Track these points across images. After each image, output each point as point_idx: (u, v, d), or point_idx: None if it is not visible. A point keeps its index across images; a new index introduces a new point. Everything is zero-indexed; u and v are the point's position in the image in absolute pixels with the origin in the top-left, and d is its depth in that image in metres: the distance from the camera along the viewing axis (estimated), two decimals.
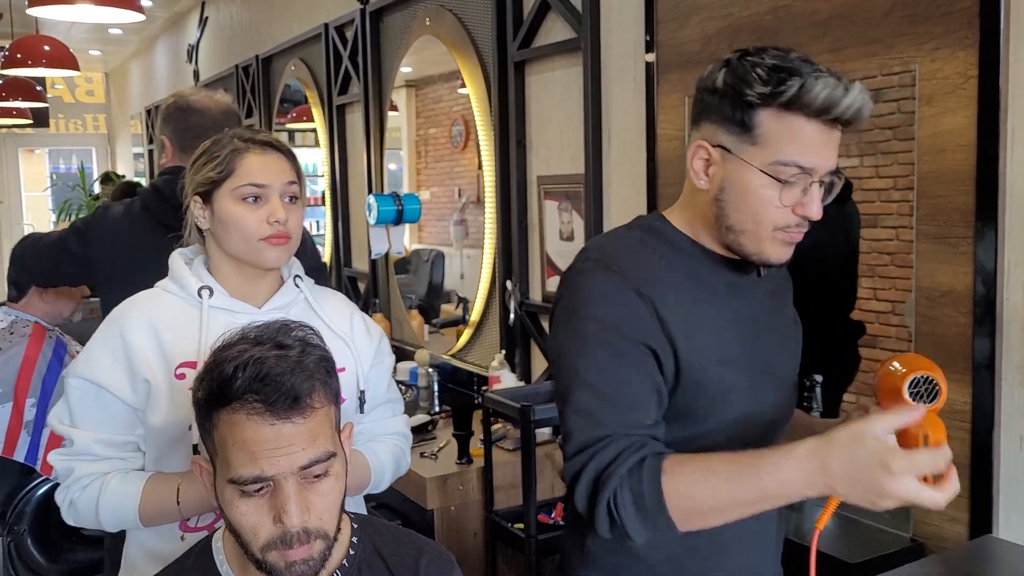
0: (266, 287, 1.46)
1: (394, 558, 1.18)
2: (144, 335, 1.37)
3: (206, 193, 1.41)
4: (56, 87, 9.76)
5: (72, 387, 1.37)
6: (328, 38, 3.97)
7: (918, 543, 1.67)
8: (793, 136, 1.06)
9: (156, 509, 1.35)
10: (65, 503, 1.38)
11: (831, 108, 1.05)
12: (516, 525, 2.28)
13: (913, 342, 1.67)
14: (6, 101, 6.35)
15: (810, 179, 1.08)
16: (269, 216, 1.38)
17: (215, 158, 1.39)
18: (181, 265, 1.44)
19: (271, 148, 1.42)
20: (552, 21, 2.60)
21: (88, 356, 1.38)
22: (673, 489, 1.04)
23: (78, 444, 1.37)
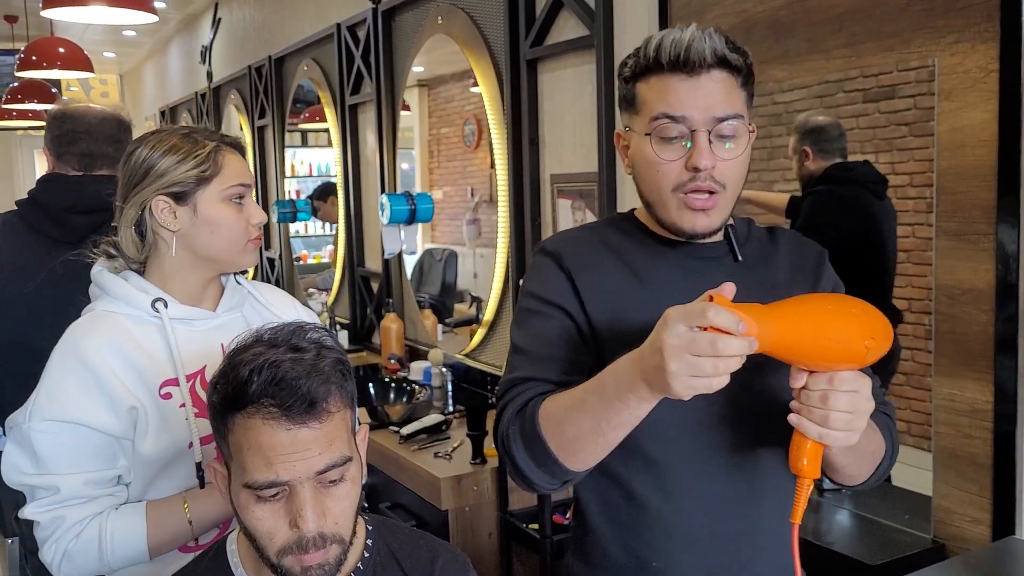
0: (214, 290, 1.42)
1: (409, 560, 1.17)
2: (113, 361, 1.28)
3: (182, 193, 1.33)
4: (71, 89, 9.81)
5: (39, 432, 1.25)
6: (340, 38, 3.97)
7: (939, 544, 1.65)
8: (659, 93, 1.12)
9: (167, 534, 1.29)
10: (57, 557, 1.28)
11: (676, 54, 1.10)
12: (531, 526, 2.27)
13: (932, 340, 1.65)
14: (22, 103, 6.37)
15: (687, 129, 1.10)
16: (251, 218, 1.37)
17: (195, 156, 1.33)
18: (118, 281, 1.35)
19: (238, 149, 1.40)
20: (564, 19, 2.59)
21: (52, 395, 1.27)
22: (546, 416, 1.07)
23: (65, 490, 1.26)
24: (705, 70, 1.10)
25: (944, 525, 1.65)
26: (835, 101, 1.86)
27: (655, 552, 1.19)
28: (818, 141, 2.00)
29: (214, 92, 6.10)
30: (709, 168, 1.10)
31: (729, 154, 1.12)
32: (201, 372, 1.36)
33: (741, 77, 1.14)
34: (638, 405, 0.99)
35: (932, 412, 1.65)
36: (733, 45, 1.14)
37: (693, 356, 0.88)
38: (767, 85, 1.96)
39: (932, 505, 1.66)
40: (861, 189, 1.96)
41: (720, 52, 1.11)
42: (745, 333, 0.89)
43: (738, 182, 1.15)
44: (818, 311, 0.98)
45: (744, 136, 1.14)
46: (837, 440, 0.99)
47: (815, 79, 1.85)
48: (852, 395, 0.98)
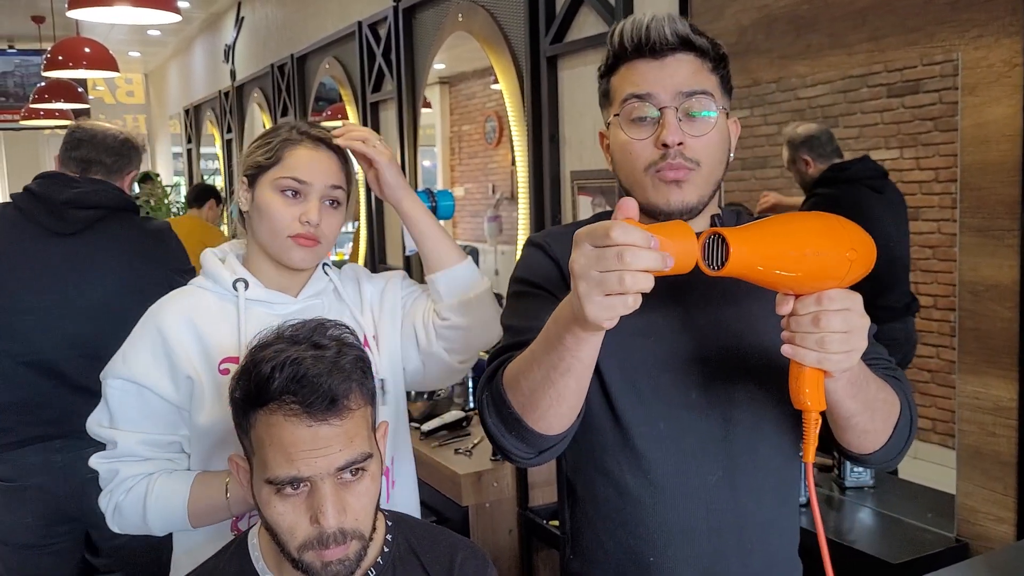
0: (301, 276, 1.44)
1: (428, 556, 1.17)
2: (183, 332, 1.35)
3: (252, 176, 1.39)
4: (97, 88, 9.92)
5: (111, 388, 1.36)
6: (362, 36, 3.98)
7: (963, 543, 1.64)
8: (628, 79, 1.14)
9: (205, 506, 1.32)
10: (110, 508, 1.36)
11: (638, 37, 1.12)
12: (551, 522, 2.27)
13: (956, 337, 1.63)
14: (49, 103, 6.45)
15: (654, 107, 1.11)
16: (302, 215, 1.35)
17: (267, 144, 1.38)
18: (214, 261, 1.43)
19: (324, 145, 1.39)
20: (585, 15, 2.58)
21: (126, 356, 1.36)
22: (508, 375, 1.06)
23: (121, 446, 1.34)
24: (670, 51, 1.12)
25: (968, 524, 1.64)
26: (859, 96, 1.84)
27: (649, 546, 1.17)
28: (814, 148, 2.01)
29: (237, 91, 6.15)
30: (676, 143, 1.10)
31: (699, 130, 1.12)
32: None
33: (710, 62, 1.15)
34: (576, 345, 0.95)
35: (956, 410, 1.64)
36: (699, 31, 1.15)
37: (599, 272, 0.85)
38: (790, 80, 1.95)
39: (956, 503, 1.65)
40: (858, 186, 1.96)
41: (682, 33, 1.12)
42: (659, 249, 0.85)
43: (713, 161, 1.14)
44: (792, 226, 0.94)
45: (717, 115, 1.13)
46: (838, 363, 0.93)
47: (838, 74, 1.84)
48: (845, 313, 0.93)
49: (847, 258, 0.93)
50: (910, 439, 1.16)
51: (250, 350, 1.05)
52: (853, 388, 1.02)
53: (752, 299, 1.18)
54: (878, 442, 1.12)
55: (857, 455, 1.15)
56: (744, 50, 2.02)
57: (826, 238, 0.93)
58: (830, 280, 0.94)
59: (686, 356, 1.17)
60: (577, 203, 2.72)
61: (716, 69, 1.16)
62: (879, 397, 1.08)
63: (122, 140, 2.40)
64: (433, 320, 1.48)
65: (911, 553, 1.62)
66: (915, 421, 1.17)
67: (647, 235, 0.84)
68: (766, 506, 1.20)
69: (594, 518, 1.22)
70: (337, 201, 1.40)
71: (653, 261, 0.84)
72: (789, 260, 0.91)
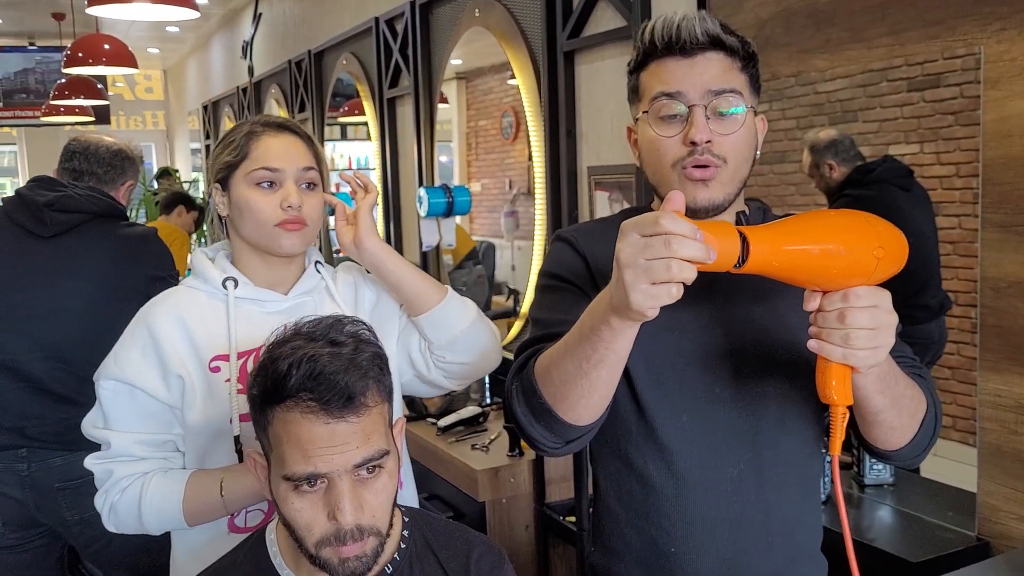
0: (291, 274, 1.44)
1: (445, 552, 1.18)
2: (173, 331, 1.36)
3: (224, 179, 1.39)
4: (117, 85, 10.00)
5: (104, 389, 1.36)
6: (378, 32, 3.99)
7: (984, 542, 1.62)
8: (658, 76, 1.15)
9: (200, 504, 1.33)
10: (105, 508, 1.36)
11: (668, 36, 1.13)
12: (568, 518, 2.27)
13: (978, 334, 1.62)
14: (69, 99, 6.50)
15: (684, 106, 1.12)
16: (283, 201, 1.36)
17: (231, 142, 1.38)
18: (204, 260, 1.43)
19: (287, 131, 1.39)
20: (602, 10, 2.57)
21: (117, 356, 1.37)
22: (539, 366, 1.08)
23: (115, 446, 1.35)
24: (700, 50, 1.13)
25: (989, 522, 1.62)
26: (879, 90, 1.83)
27: (671, 538, 1.18)
28: (839, 152, 2.00)
29: (255, 87, 6.17)
30: (704, 141, 1.11)
31: (727, 128, 1.12)
32: (256, 351, 1.39)
33: (739, 60, 1.15)
34: (612, 337, 0.97)
35: (977, 407, 1.62)
36: (729, 30, 1.15)
37: (646, 260, 0.86)
38: (809, 75, 1.93)
39: (977, 502, 1.63)
40: (885, 186, 1.94)
41: (713, 32, 1.13)
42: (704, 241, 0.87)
43: (740, 158, 1.14)
44: (817, 223, 0.94)
45: (745, 113, 1.14)
46: (863, 359, 0.94)
47: (858, 68, 1.82)
48: (872, 311, 0.93)
49: (874, 256, 0.93)
50: (935, 436, 1.16)
51: (267, 347, 1.05)
52: (882, 384, 1.03)
53: (779, 295, 1.18)
54: (904, 439, 1.12)
55: (883, 451, 1.15)
56: (763, 44, 2.00)
57: (852, 235, 0.93)
58: (857, 277, 0.93)
59: (712, 351, 1.18)
60: (594, 199, 2.71)
61: (745, 68, 1.16)
62: (907, 394, 1.08)
63: (114, 151, 2.43)
64: (429, 354, 1.48)
65: (931, 552, 1.60)
66: (940, 418, 1.17)
67: (694, 227, 0.86)
68: (789, 500, 1.20)
69: (617, 510, 1.23)
70: (312, 183, 1.40)
71: (699, 251, 0.85)
72: (811, 258, 0.92)
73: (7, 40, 8.40)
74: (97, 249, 2.24)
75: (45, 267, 2.20)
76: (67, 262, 2.21)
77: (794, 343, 1.15)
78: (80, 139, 2.44)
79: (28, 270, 2.19)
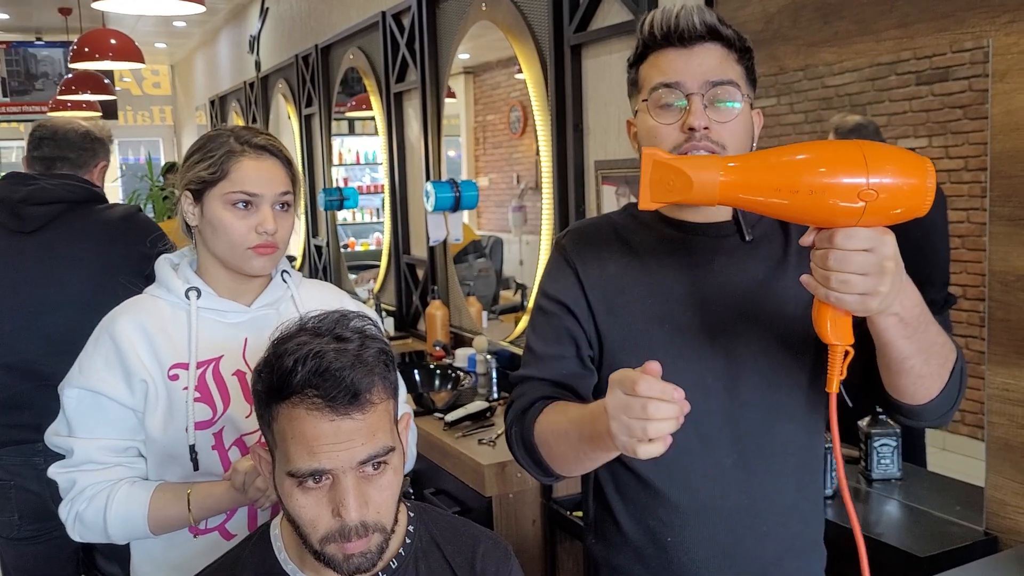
0: (255, 285, 1.45)
1: (450, 547, 1.18)
2: (135, 337, 1.36)
3: (197, 191, 1.38)
4: (124, 80, 10.02)
5: (68, 398, 1.37)
6: (385, 26, 3.98)
7: (992, 537, 1.61)
8: (657, 67, 1.18)
9: (165, 515, 1.34)
10: (70, 518, 1.37)
11: (667, 27, 1.16)
12: (575, 513, 2.27)
13: (986, 327, 1.61)
14: (76, 95, 6.51)
15: (682, 94, 1.15)
16: (258, 226, 1.36)
17: (209, 157, 1.37)
18: (167, 269, 1.43)
19: (267, 153, 1.38)
20: (609, 3, 2.56)
21: (81, 366, 1.38)
22: (539, 433, 1.16)
23: (79, 454, 1.35)
24: (698, 41, 1.16)
25: (997, 517, 1.61)
26: (887, 84, 1.82)
27: (667, 528, 1.21)
28: (863, 137, 1.98)
29: (262, 81, 6.17)
30: (702, 128, 1.13)
31: (725, 116, 1.15)
32: (216, 360, 1.41)
33: (735, 52, 1.18)
34: (606, 453, 1.06)
35: (985, 401, 1.61)
36: (725, 22, 1.18)
37: (627, 418, 0.92)
38: (816, 69, 1.92)
39: (985, 496, 1.63)
40: None
41: (710, 23, 1.16)
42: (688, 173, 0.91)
43: (738, 147, 1.16)
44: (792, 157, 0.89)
45: (742, 105, 1.16)
46: (851, 304, 0.91)
47: (866, 61, 1.81)
48: (863, 255, 0.88)
49: (858, 196, 0.86)
50: (962, 390, 1.14)
51: (272, 342, 1.05)
52: (907, 329, 0.99)
53: (776, 282, 1.20)
54: (934, 389, 1.09)
55: (911, 407, 1.12)
56: (771, 37, 1.99)
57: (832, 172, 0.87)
58: (841, 217, 0.88)
59: (702, 344, 1.19)
60: (601, 193, 2.70)
61: (741, 60, 1.19)
62: (937, 340, 1.06)
63: (82, 133, 2.39)
64: None
65: (939, 546, 1.60)
66: (965, 372, 1.15)
67: (669, 388, 0.91)
68: (783, 490, 1.21)
69: (615, 502, 1.27)
70: (287, 204, 1.41)
71: (671, 411, 0.91)
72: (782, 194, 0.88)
73: (14, 35, 8.42)
74: (82, 237, 2.22)
75: (37, 263, 2.19)
76: (56, 255, 2.20)
77: (782, 333, 1.18)
78: (46, 125, 2.39)
79: (22, 268, 2.18)
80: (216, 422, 1.39)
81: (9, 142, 10.21)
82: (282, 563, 1.12)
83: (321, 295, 1.54)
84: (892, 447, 1.82)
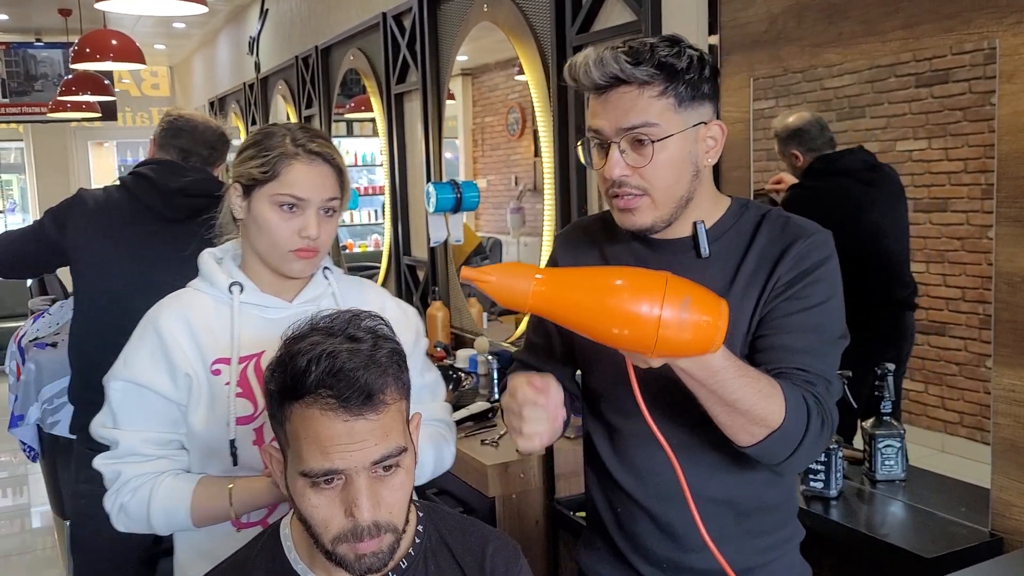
0: (297, 281, 1.45)
1: (460, 547, 1.18)
2: (179, 331, 1.38)
3: (247, 187, 1.40)
4: (123, 81, 9.99)
5: (114, 390, 1.38)
6: (386, 27, 3.98)
7: (997, 538, 1.61)
8: (590, 111, 1.22)
9: (207, 509, 1.36)
10: (115, 509, 1.38)
11: (575, 80, 1.20)
12: (578, 514, 2.27)
13: (992, 329, 1.61)
14: (76, 95, 6.50)
15: (602, 141, 1.20)
16: (302, 230, 1.37)
17: (263, 155, 1.37)
18: (211, 264, 1.45)
19: (320, 159, 1.38)
20: (611, 4, 2.56)
21: (127, 359, 1.39)
22: None
23: (123, 445, 1.37)
24: (610, 88, 1.18)
25: (1002, 518, 1.61)
26: (886, 86, 1.82)
27: (619, 501, 1.37)
28: (804, 142, 2.00)
29: (262, 83, 6.17)
30: (617, 177, 1.19)
31: (643, 159, 1.17)
32: (258, 356, 1.41)
33: (658, 86, 1.16)
34: None
35: (991, 403, 1.61)
36: (639, 58, 1.16)
37: (508, 416, 1.17)
38: (816, 71, 1.92)
39: (990, 498, 1.63)
40: (845, 179, 1.94)
41: (611, 72, 1.16)
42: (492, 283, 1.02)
43: (666, 182, 1.19)
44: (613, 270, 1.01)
45: (670, 140, 1.17)
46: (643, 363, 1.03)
47: (866, 63, 1.81)
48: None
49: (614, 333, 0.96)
50: (800, 453, 1.15)
51: (284, 341, 1.05)
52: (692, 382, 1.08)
53: None
54: (742, 439, 1.14)
55: (737, 447, 1.16)
56: (775, 38, 1.99)
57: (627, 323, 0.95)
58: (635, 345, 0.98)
59: None
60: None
61: (668, 89, 1.17)
62: (740, 397, 1.09)
63: (219, 135, 2.50)
64: None
65: (944, 547, 1.60)
66: (812, 427, 1.15)
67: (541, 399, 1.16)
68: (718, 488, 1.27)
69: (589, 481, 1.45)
70: (333, 209, 1.41)
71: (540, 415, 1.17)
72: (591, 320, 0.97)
73: (14, 36, 8.40)
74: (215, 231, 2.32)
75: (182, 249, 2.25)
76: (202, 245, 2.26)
77: None
78: (185, 117, 2.48)
79: (166, 253, 2.23)
80: (257, 418, 1.40)
81: (8, 143, 10.19)
82: (292, 563, 1.11)
83: (362, 293, 1.55)
84: (896, 448, 1.82)
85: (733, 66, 2.15)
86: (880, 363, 1.83)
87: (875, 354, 1.85)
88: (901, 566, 1.60)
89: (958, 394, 1.75)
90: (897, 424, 1.83)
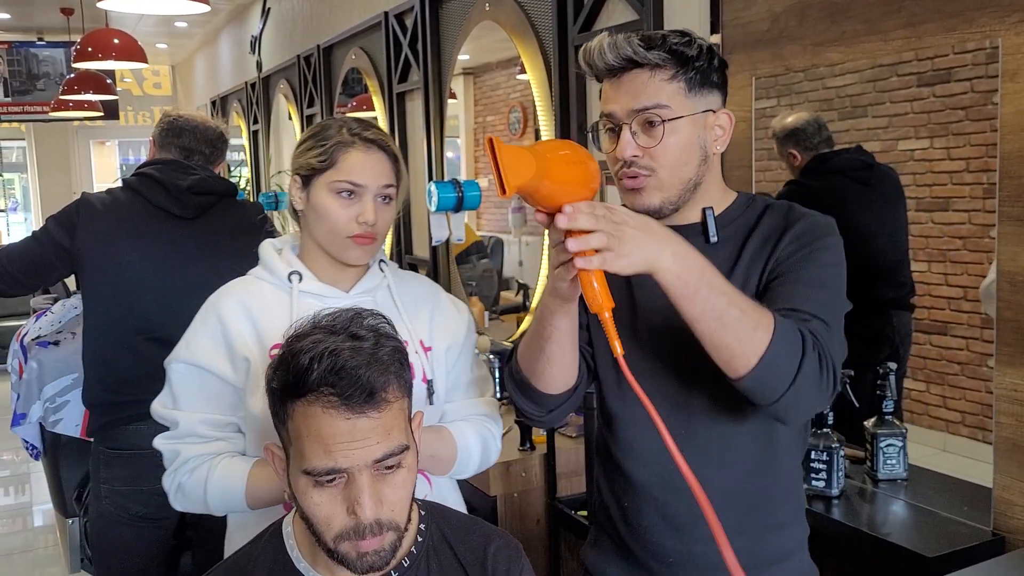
0: (354, 271, 1.49)
1: (462, 546, 1.18)
2: (239, 317, 1.42)
3: (306, 177, 1.43)
4: (125, 80, 10.00)
5: (174, 372, 1.43)
6: (388, 26, 3.98)
7: (999, 537, 1.61)
8: (603, 96, 1.27)
9: (262, 491, 1.39)
10: (173, 487, 1.43)
11: (589, 65, 1.25)
12: (579, 512, 2.27)
13: (995, 328, 1.61)
14: (78, 94, 6.50)
15: (612, 124, 1.24)
16: (359, 215, 1.40)
17: (320, 145, 1.41)
18: (271, 253, 1.49)
19: (376, 147, 1.43)
20: (613, 3, 2.56)
21: (188, 342, 1.44)
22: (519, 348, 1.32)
23: (183, 426, 1.41)
24: (622, 71, 1.22)
25: (1005, 518, 1.61)
26: (888, 85, 1.82)
27: (625, 495, 1.36)
28: (800, 141, 2.01)
29: (264, 82, 6.17)
30: (630, 157, 1.22)
31: (653, 140, 1.21)
32: None
33: (671, 69, 1.21)
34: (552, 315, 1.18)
35: (993, 402, 1.61)
36: (651, 44, 1.20)
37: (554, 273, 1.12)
38: (818, 70, 1.92)
39: (992, 497, 1.63)
40: (839, 178, 1.95)
41: (625, 54, 1.20)
42: None
43: (674, 164, 1.22)
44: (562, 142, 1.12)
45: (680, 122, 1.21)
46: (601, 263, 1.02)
47: (868, 63, 1.81)
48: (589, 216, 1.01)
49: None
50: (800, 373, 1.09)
51: (287, 339, 1.05)
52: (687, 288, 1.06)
53: None
54: (736, 364, 1.09)
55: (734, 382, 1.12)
56: (777, 37, 1.99)
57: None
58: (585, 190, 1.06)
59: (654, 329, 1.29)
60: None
61: (679, 74, 1.21)
62: (730, 312, 1.07)
63: (218, 134, 2.55)
64: None
65: (947, 547, 1.60)
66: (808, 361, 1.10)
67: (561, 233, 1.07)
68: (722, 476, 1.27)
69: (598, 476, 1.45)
70: (389, 197, 1.44)
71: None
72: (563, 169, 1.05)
73: (16, 35, 8.41)
74: (231, 226, 2.37)
75: (196, 248, 2.31)
76: (209, 241, 2.33)
77: None
78: (185, 116, 2.51)
79: (174, 250, 2.29)
80: None
81: (10, 142, 10.20)
82: (294, 561, 1.11)
83: (416, 287, 1.58)
84: (898, 447, 1.82)
85: (735, 65, 2.15)
86: (880, 363, 1.83)
87: (871, 354, 1.85)
88: (903, 565, 1.60)
89: (960, 393, 1.75)
90: (899, 423, 1.83)
